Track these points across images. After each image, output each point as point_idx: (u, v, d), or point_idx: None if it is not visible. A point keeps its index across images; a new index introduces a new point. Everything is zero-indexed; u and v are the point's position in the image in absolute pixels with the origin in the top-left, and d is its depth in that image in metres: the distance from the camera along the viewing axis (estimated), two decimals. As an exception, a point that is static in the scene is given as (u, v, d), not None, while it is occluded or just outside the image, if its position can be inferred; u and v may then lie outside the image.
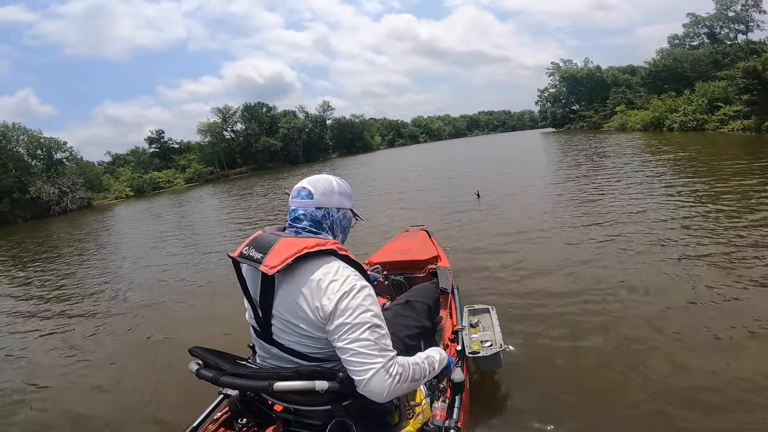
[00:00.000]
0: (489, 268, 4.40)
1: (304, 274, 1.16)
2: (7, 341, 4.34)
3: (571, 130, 47.78)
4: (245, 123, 51.28)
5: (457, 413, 1.52)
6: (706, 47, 35.53)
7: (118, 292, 5.59)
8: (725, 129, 20.89)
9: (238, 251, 1.26)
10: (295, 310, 1.17)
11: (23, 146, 31.17)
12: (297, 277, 1.17)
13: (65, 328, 4.45)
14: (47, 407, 2.94)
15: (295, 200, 1.35)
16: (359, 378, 1.09)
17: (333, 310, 1.11)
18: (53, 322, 4.78)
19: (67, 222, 20.39)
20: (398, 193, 11.71)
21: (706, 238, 4.47)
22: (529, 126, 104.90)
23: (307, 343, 1.21)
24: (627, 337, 2.79)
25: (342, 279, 1.15)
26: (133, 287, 5.73)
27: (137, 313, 4.63)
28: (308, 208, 1.32)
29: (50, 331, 4.46)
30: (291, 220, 1.33)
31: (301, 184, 1.36)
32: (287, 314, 1.20)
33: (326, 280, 1.14)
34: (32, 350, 4.03)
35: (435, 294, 1.89)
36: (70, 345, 3.97)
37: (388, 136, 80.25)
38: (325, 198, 1.33)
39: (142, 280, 6.07)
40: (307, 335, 1.19)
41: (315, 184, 1.35)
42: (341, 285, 1.13)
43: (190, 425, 1.52)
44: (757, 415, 1.98)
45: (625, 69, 51.04)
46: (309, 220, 1.31)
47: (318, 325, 1.15)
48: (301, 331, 1.19)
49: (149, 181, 37.53)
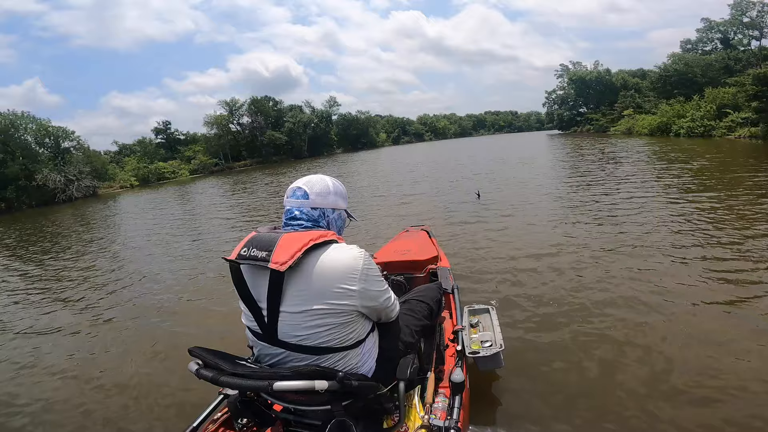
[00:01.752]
0: (489, 268, 4.40)
1: (313, 262, 1.18)
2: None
3: (577, 132, 47.60)
4: (252, 116, 51.39)
5: (457, 413, 1.53)
6: (718, 53, 35.23)
7: (117, 286, 5.56)
8: (732, 136, 20.76)
9: (234, 253, 1.24)
10: (310, 296, 1.18)
11: (31, 134, 31.39)
12: (307, 267, 1.18)
13: (65, 326, 4.37)
14: (42, 404, 2.88)
15: (290, 200, 1.34)
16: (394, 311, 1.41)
17: (361, 268, 1.22)
18: (49, 310, 4.79)
19: (73, 209, 20.55)
20: (399, 193, 11.68)
21: (717, 249, 4.39)
22: (535, 127, 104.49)
23: (321, 331, 1.20)
24: (627, 338, 2.80)
25: (354, 248, 1.26)
26: (133, 283, 5.68)
27: (137, 309, 4.59)
28: (304, 207, 1.32)
29: (47, 325, 4.41)
30: (287, 219, 1.33)
31: (296, 184, 1.36)
32: (300, 306, 1.19)
33: (341, 254, 1.21)
34: (27, 346, 3.95)
35: (438, 295, 1.89)
36: (69, 342, 3.92)
37: (393, 134, 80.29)
38: (321, 198, 1.34)
39: (142, 275, 6.02)
40: (321, 322, 1.19)
41: (311, 184, 1.35)
42: (357, 252, 1.24)
43: (190, 425, 1.52)
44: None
45: (635, 72, 50.73)
46: (305, 219, 1.31)
47: (343, 292, 1.20)
48: (316, 320, 1.19)
49: (154, 171, 37.72)
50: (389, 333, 1.44)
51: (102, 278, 6.10)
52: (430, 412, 1.50)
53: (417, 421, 1.44)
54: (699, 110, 25.05)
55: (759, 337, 2.66)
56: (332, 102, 62.13)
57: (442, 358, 1.94)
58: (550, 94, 59.51)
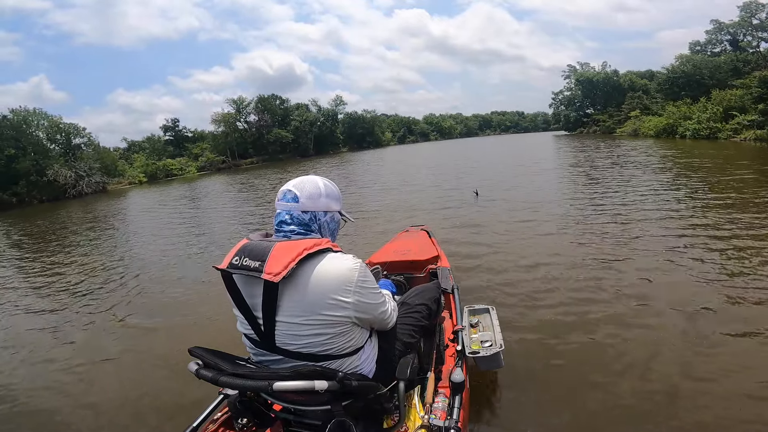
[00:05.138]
0: (489, 268, 4.40)
1: (308, 272, 1.16)
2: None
3: (583, 134, 47.17)
4: (259, 114, 51.54)
5: (457, 413, 1.52)
6: (727, 54, 34.71)
7: (118, 283, 5.53)
8: (737, 138, 20.47)
9: (225, 262, 1.21)
10: (305, 307, 1.17)
11: (43, 131, 31.72)
12: (302, 277, 1.16)
13: (63, 321, 4.35)
14: (40, 402, 2.86)
15: (280, 203, 1.32)
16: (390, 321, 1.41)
17: (356, 280, 1.21)
18: (49, 307, 4.82)
19: (84, 205, 20.75)
20: (400, 192, 11.67)
21: (723, 253, 4.33)
22: (542, 128, 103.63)
23: (318, 341, 1.20)
24: (628, 338, 2.80)
25: (350, 259, 1.24)
26: (134, 279, 5.66)
27: (137, 305, 4.59)
28: (294, 211, 1.29)
29: (45, 322, 4.38)
30: (277, 224, 1.30)
31: (287, 187, 1.33)
32: (295, 317, 1.18)
33: (335, 264, 1.20)
34: (25, 343, 3.89)
35: (436, 294, 1.88)
36: (68, 338, 3.91)
37: (398, 133, 80.00)
38: (311, 201, 1.31)
39: (146, 272, 5.99)
40: (318, 332, 1.19)
41: (301, 187, 1.32)
42: (352, 263, 1.22)
43: (190, 425, 1.52)
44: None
45: (643, 74, 50.10)
46: (296, 224, 1.29)
47: (337, 303, 1.18)
48: (312, 330, 1.19)
49: (162, 168, 37.95)
50: (389, 334, 1.45)
51: (103, 273, 6.11)
52: (430, 412, 1.51)
53: (417, 421, 1.44)
54: (705, 112, 24.74)
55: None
56: (338, 101, 62.24)
57: (442, 358, 1.94)
58: (557, 94, 59.02)
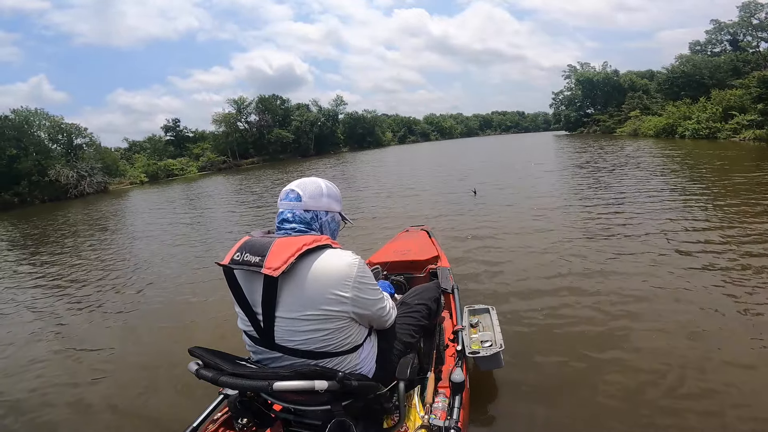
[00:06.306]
0: (489, 268, 4.39)
1: (307, 267, 1.18)
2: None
3: (584, 133, 47.17)
4: (259, 114, 51.60)
5: (457, 413, 1.53)
6: (727, 54, 34.69)
7: (119, 282, 5.53)
8: (737, 138, 20.44)
9: (227, 258, 1.24)
10: (304, 302, 1.18)
11: (45, 131, 31.76)
12: (301, 272, 1.18)
13: (63, 321, 4.34)
14: (40, 402, 2.84)
15: (283, 202, 1.35)
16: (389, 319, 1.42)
17: (355, 275, 1.22)
18: (49, 307, 4.82)
19: (86, 204, 20.77)
20: (399, 193, 11.67)
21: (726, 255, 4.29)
22: (542, 128, 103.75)
23: (317, 336, 1.21)
24: (630, 340, 2.79)
25: (349, 255, 1.25)
26: (136, 278, 5.68)
27: (137, 305, 4.59)
28: (296, 210, 1.32)
29: (45, 322, 4.37)
30: (279, 222, 1.33)
31: (289, 187, 1.37)
32: (294, 312, 1.19)
33: (334, 260, 1.22)
34: (25, 343, 3.87)
35: (436, 294, 1.89)
36: (68, 338, 3.91)
37: (399, 133, 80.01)
38: (314, 201, 1.34)
39: (147, 272, 6.00)
40: (316, 327, 1.20)
41: (303, 186, 1.36)
42: (351, 259, 1.24)
43: (190, 425, 1.52)
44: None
45: (643, 74, 50.11)
46: (298, 222, 1.31)
47: (335, 298, 1.19)
48: (311, 326, 1.20)
49: (164, 168, 37.99)
50: (389, 334, 1.46)
51: (103, 273, 6.12)
52: (430, 412, 1.51)
53: (417, 421, 1.45)
54: (705, 112, 24.72)
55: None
56: (339, 101, 62.34)
57: (442, 358, 1.94)
58: (558, 94, 59.07)
